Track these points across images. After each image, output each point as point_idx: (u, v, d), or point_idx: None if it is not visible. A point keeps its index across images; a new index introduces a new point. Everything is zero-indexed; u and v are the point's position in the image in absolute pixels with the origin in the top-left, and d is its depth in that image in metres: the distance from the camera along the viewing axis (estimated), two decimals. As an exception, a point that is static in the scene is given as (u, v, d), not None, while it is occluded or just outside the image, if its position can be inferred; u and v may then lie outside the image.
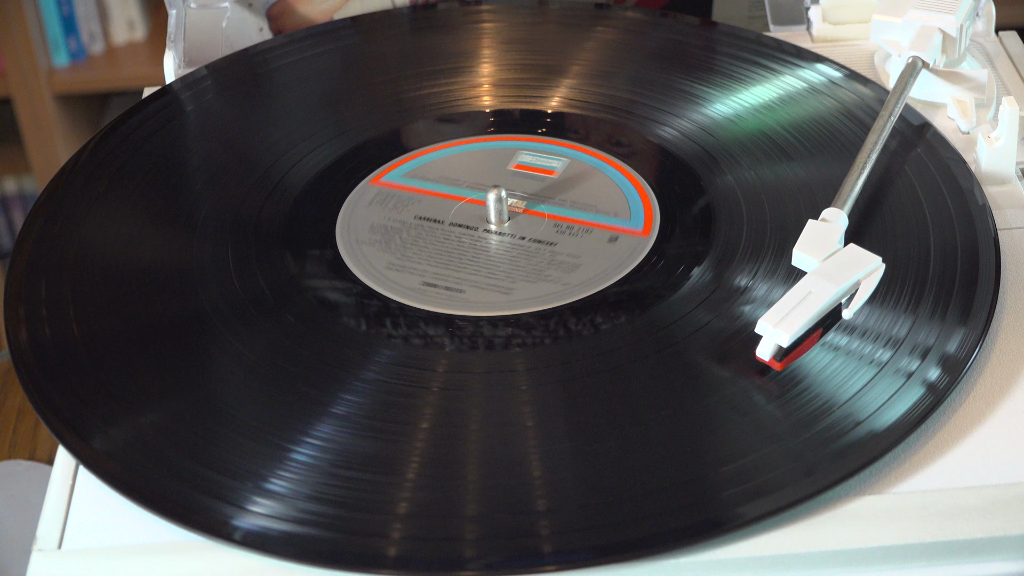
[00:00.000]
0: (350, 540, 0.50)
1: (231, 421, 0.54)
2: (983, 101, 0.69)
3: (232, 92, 0.74)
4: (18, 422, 0.77)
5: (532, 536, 0.49)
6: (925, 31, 0.70)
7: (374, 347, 0.57)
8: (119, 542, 0.51)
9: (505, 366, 0.56)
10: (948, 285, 0.58)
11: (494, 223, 0.64)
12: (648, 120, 0.70)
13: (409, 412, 0.54)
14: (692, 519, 0.49)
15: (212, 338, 0.58)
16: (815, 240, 0.58)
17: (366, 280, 0.61)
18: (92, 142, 0.69)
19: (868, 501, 0.50)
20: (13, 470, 0.73)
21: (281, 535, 0.50)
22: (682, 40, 0.76)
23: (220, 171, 0.68)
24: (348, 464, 0.52)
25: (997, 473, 0.51)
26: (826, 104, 0.69)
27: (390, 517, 0.50)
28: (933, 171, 0.64)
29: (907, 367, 0.55)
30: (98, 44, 1.62)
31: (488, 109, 0.72)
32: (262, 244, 0.63)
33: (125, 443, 0.54)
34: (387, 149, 0.69)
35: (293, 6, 0.81)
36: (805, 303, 0.55)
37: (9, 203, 1.70)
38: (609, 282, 0.61)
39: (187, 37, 0.79)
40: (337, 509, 0.50)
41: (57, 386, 0.56)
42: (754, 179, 0.65)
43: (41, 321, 0.59)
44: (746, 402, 0.54)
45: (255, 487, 0.51)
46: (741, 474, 0.51)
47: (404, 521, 0.50)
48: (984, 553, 0.50)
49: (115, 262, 0.62)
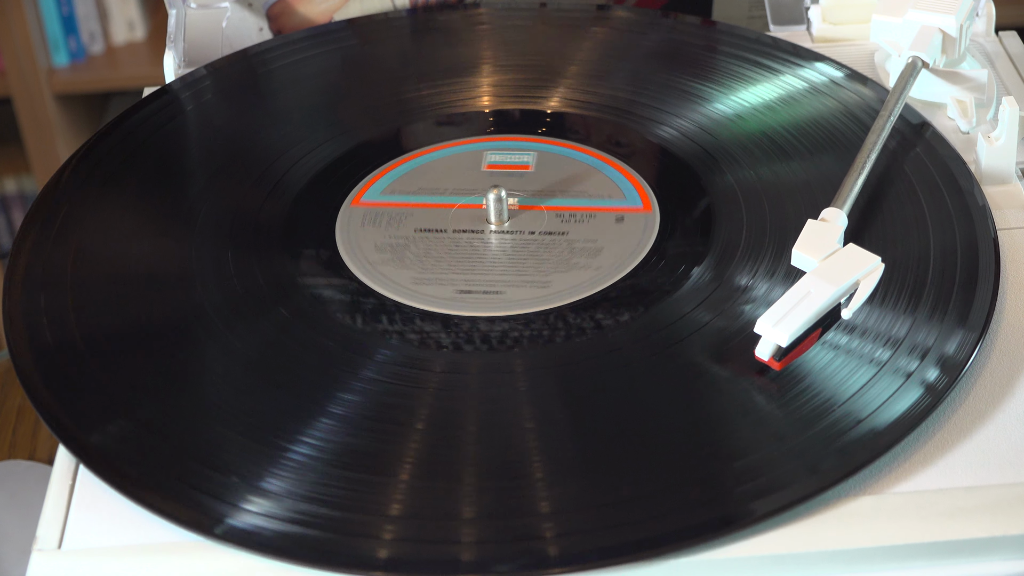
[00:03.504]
0: (353, 542, 0.49)
1: (232, 421, 0.54)
2: (983, 101, 0.69)
3: (231, 92, 0.74)
4: (18, 422, 0.77)
5: (538, 539, 0.49)
6: (925, 31, 0.70)
7: (439, 364, 0.56)
8: (119, 542, 0.51)
9: (504, 366, 0.56)
10: (948, 285, 0.58)
11: (495, 223, 0.64)
12: (648, 120, 0.70)
13: (496, 416, 0.54)
14: (703, 517, 0.49)
15: (212, 338, 0.58)
16: (814, 240, 0.58)
17: (399, 298, 0.60)
18: (91, 141, 0.69)
19: (868, 501, 0.50)
20: (13, 470, 0.73)
21: (281, 535, 0.50)
22: (682, 40, 0.76)
23: (219, 171, 0.68)
24: (349, 465, 0.52)
25: (997, 473, 0.51)
26: (826, 104, 0.69)
27: (407, 518, 0.50)
28: (933, 171, 0.64)
29: (907, 367, 0.55)
30: (98, 44, 1.62)
31: (488, 110, 0.72)
32: (261, 243, 0.63)
33: (125, 442, 0.54)
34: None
35: (293, 6, 0.81)
36: (804, 303, 0.55)
37: (9, 203, 1.70)
38: (639, 258, 0.61)
39: (187, 37, 0.79)
40: (340, 511, 0.50)
41: (57, 385, 0.56)
42: (754, 179, 0.65)
43: (40, 321, 0.59)
44: (747, 401, 0.54)
45: (256, 488, 0.51)
46: (747, 472, 0.51)
47: (405, 522, 0.50)
48: (984, 553, 0.50)
49: (114, 261, 0.62)
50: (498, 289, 0.60)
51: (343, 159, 0.69)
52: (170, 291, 0.61)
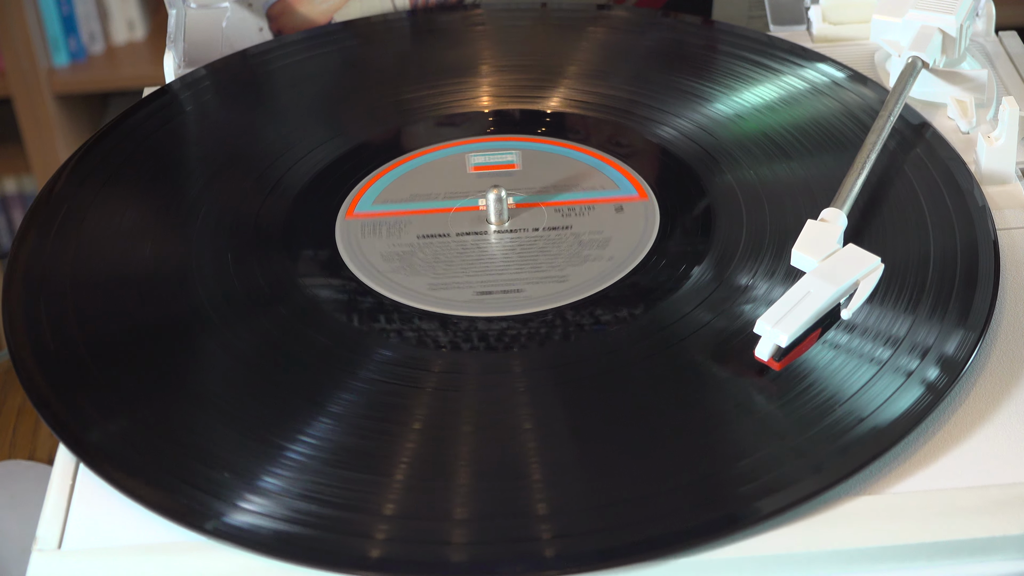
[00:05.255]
0: (353, 541, 0.49)
1: (232, 420, 0.54)
2: (983, 101, 0.69)
3: (231, 93, 0.74)
4: (18, 422, 0.77)
5: (533, 540, 0.49)
6: (925, 31, 0.70)
7: (462, 366, 0.57)
8: (119, 542, 0.51)
9: (501, 366, 0.56)
10: (948, 285, 0.58)
11: (496, 223, 0.64)
12: (648, 120, 0.70)
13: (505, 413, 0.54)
14: (708, 516, 0.49)
15: (212, 338, 0.58)
16: (814, 240, 0.58)
17: (419, 305, 0.60)
18: (91, 141, 0.69)
19: (868, 501, 0.50)
20: (13, 470, 0.73)
21: (281, 535, 0.50)
22: (683, 40, 0.76)
23: (219, 171, 0.68)
24: (350, 465, 0.52)
25: (997, 473, 0.51)
26: (826, 104, 0.69)
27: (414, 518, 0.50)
28: (933, 171, 0.64)
29: (907, 366, 0.55)
30: (98, 44, 1.62)
31: (487, 110, 0.72)
32: (261, 243, 0.63)
33: (125, 441, 0.54)
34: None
35: (293, 6, 0.81)
36: (804, 303, 0.55)
37: (9, 203, 1.70)
38: (649, 244, 0.62)
39: (187, 37, 0.79)
40: (339, 511, 0.50)
41: (57, 385, 0.56)
42: (754, 179, 0.65)
43: (40, 320, 0.59)
44: (748, 400, 0.54)
45: (256, 487, 0.51)
46: (751, 471, 0.51)
47: (395, 522, 0.50)
48: (984, 553, 0.50)
49: (114, 261, 0.62)
50: (518, 288, 0.60)
51: (343, 160, 0.68)
52: (170, 290, 0.61)
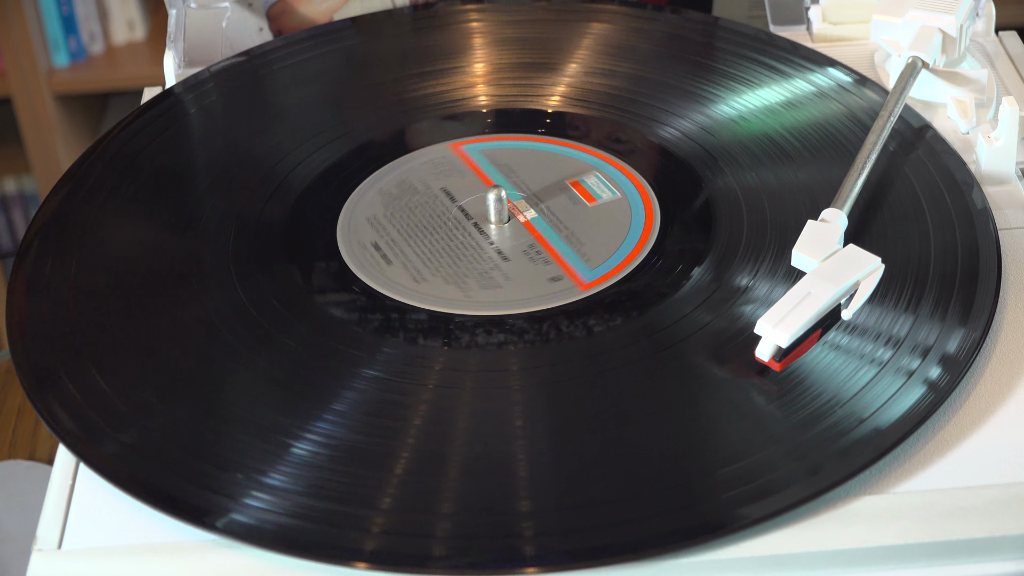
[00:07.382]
0: (352, 536, 0.49)
1: (233, 419, 0.54)
2: (983, 101, 0.69)
3: (233, 94, 0.74)
4: (18, 422, 0.77)
5: (515, 537, 0.49)
6: (925, 31, 0.70)
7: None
8: (119, 542, 0.51)
9: (497, 366, 0.56)
10: (948, 286, 0.58)
11: (495, 222, 0.64)
12: (648, 119, 0.70)
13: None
14: (704, 517, 0.49)
15: (212, 338, 0.58)
16: (814, 240, 0.58)
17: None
18: (97, 145, 0.69)
19: (869, 501, 0.50)
20: (13, 470, 0.73)
21: (282, 532, 0.50)
22: (684, 37, 0.76)
23: (223, 173, 0.68)
24: (349, 460, 0.52)
25: (997, 473, 0.51)
26: (827, 105, 0.69)
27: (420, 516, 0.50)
28: (933, 171, 0.64)
29: (908, 366, 0.55)
30: (98, 44, 1.62)
31: (487, 108, 0.72)
32: (264, 245, 0.63)
33: (125, 440, 0.54)
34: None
35: (293, 6, 0.81)
36: (804, 304, 0.55)
37: (9, 203, 1.70)
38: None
39: (187, 37, 0.79)
40: (342, 505, 0.50)
41: (57, 385, 0.56)
42: (754, 179, 0.65)
43: (42, 321, 0.59)
44: (747, 402, 0.54)
45: (257, 484, 0.51)
46: (746, 474, 0.51)
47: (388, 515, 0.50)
48: (984, 553, 0.50)
49: (116, 262, 0.62)
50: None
51: (344, 160, 0.68)
52: (171, 291, 0.61)
